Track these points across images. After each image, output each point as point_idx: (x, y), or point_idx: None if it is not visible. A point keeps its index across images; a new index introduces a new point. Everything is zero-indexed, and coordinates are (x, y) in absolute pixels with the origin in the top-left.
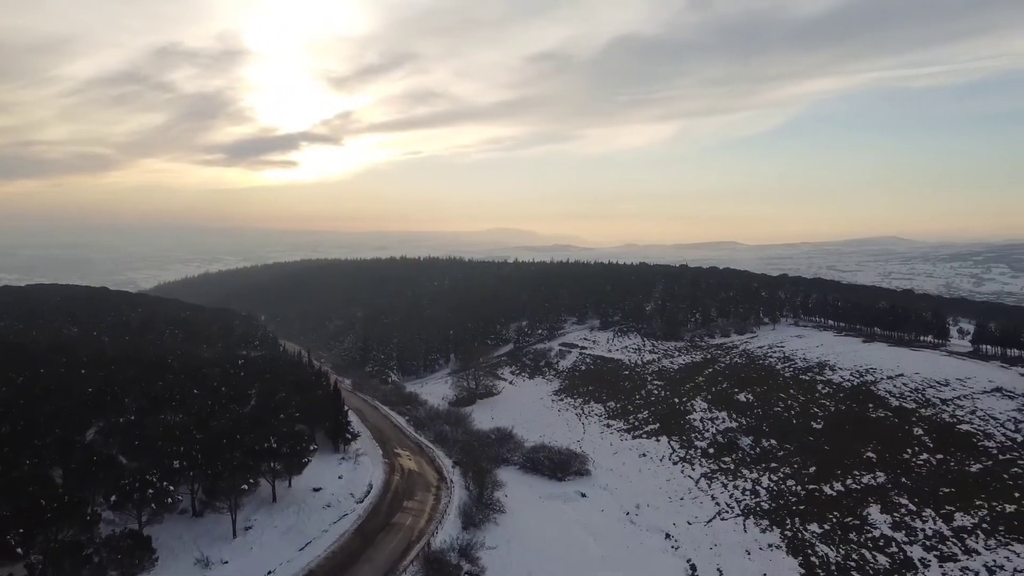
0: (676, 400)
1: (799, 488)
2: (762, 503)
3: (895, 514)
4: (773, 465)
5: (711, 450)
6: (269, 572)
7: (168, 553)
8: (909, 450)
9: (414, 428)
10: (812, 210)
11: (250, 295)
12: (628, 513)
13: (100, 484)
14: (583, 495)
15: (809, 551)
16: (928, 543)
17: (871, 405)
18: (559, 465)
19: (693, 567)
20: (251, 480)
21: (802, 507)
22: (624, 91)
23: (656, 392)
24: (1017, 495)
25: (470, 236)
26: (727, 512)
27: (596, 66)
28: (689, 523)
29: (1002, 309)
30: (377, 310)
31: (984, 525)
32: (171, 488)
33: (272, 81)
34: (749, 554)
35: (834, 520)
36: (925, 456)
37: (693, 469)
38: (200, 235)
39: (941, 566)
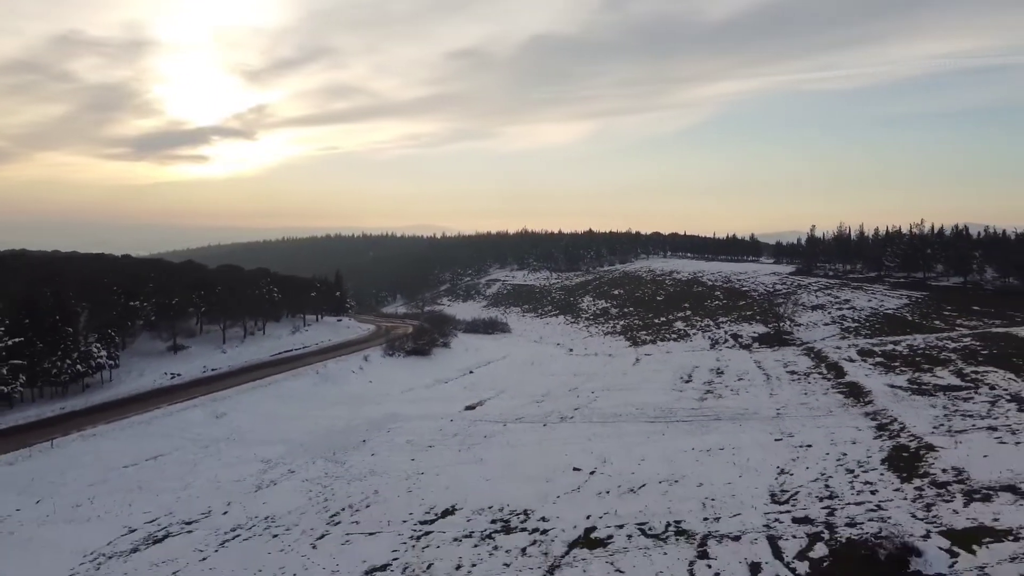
0: (571, 298)
1: (640, 322)
2: (617, 330)
3: (689, 324)
4: (628, 317)
5: (591, 319)
6: (329, 339)
7: (279, 325)
8: (709, 301)
9: (384, 319)
10: (728, 206)
11: None
12: (535, 341)
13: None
14: (506, 335)
15: (636, 338)
16: (699, 327)
17: (695, 285)
18: (489, 326)
19: (571, 349)
20: (312, 294)
21: (639, 327)
22: (543, 89)
23: (557, 297)
24: (755, 308)
25: (391, 232)
26: (596, 336)
27: (515, 64)
28: (572, 338)
29: None
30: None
31: (732, 319)
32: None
33: (182, 73)
34: (604, 343)
35: (654, 328)
36: (717, 303)
37: (578, 327)
38: (106, 231)
39: (702, 333)
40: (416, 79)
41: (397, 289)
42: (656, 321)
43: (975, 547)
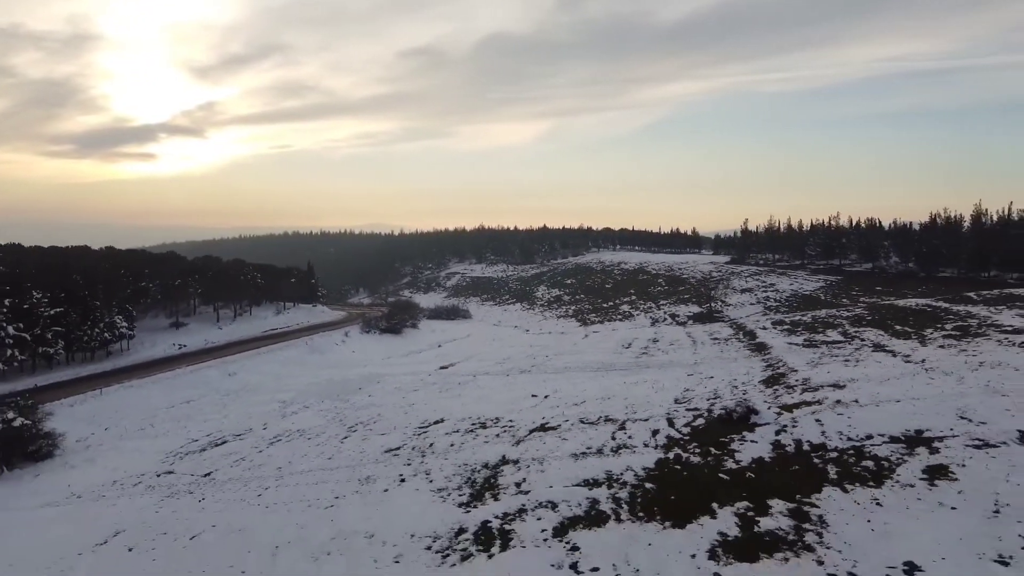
0: (527, 288)
1: (590, 307)
2: (569, 313)
3: (633, 307)
4: (579, 303)
5: (545, 305)
6: (308, 321)
7: (262, 308)
8: (652, 287)
9: (352, 308)
10: (676, 203)
11: None
12: (495, 324)
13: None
14: (467, 320)
15: (586, 319)
16: (642, 310)
17: (640, 274)
18: (452, 312)
19: (527, 330)
20: (291, 280)
21: (589, 310)
22: (498, 89)
23: (514, 287)
24: (692, 292)
25: (349, 230)
26: (550, 319)
27: (470, 63)
28: (528, 321)
29: None
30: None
31: (671, 301)
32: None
33: (128, 69)
34: (557, 324)
35: (602, 311)
36: (659, 289)
37: (534, 312)
38: (54, 229)
39: (645, 314)
40: (370, 77)
41: (360, 283)
42: (604, 305)
43: (794, 410)
